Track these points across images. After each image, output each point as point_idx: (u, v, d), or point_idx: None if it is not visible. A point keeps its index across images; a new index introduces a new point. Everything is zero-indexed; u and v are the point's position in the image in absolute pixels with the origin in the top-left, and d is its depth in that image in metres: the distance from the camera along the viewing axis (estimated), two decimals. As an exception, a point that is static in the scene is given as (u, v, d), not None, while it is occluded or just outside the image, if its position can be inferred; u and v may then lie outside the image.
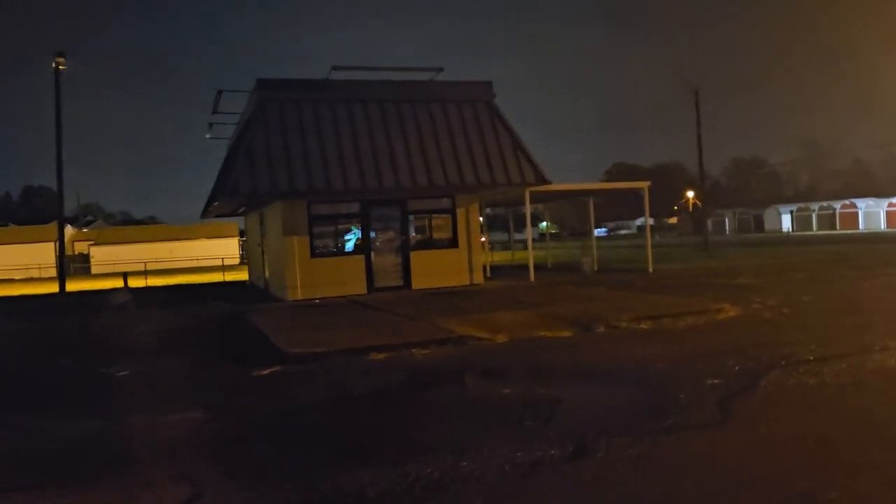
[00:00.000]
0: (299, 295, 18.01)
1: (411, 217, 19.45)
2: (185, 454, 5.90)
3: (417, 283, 19.10)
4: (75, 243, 72.28)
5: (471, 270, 19.74)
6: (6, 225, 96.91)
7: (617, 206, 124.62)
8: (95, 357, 11.46)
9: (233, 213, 25.29)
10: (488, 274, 23.26)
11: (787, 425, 5.86)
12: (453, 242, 19.66)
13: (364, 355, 10.13)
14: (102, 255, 66.64)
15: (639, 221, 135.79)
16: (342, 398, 7.87)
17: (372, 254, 18.84)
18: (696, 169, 43.80)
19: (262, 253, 22.31)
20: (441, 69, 18.88)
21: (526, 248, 59.55)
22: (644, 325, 11.63)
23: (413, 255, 19.18)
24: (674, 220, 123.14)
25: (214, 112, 20.23)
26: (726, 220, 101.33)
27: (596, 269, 24.11)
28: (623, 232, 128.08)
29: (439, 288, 18.87)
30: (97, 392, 8.98)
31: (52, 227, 75.46)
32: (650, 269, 21.97)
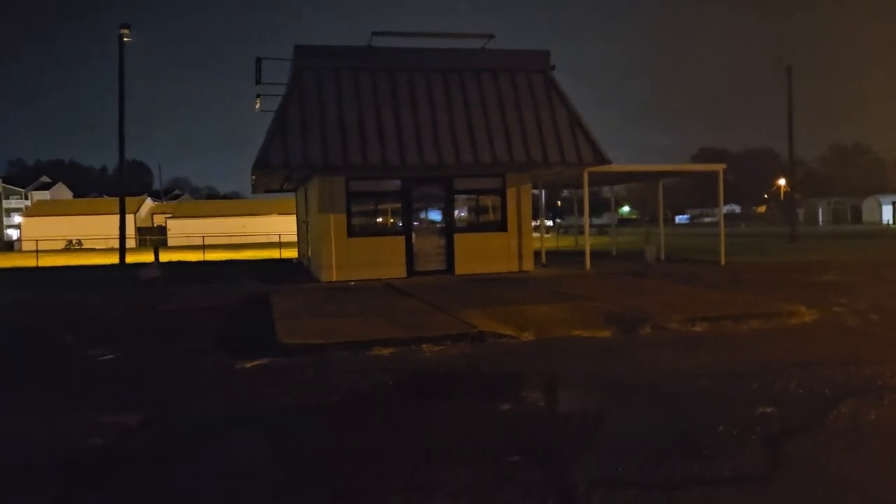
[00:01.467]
0: (334, 276, 17.03)
1: (457, 196, 18.10)
2: (56, 480, 4.85)
3: (461, 268, 17.80)
4: (154, 216, 74.56)
5: (520, 256, 18.26)
6: (101, 196, 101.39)
7: (702, 193, 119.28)
8: (93, 337, 10.73)
9: (282, 189, 24.61)
10: (543, 261, 21.69)
11: (860, 491, 4.27)
12: (501, 225, 18.21)
13: (366, 350, 8.96)
14: (179, 228, 68.32)
15: (725, 208, 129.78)
16: (311, 406, 6.70)
17: (413, 235, 17.64)
18: (789, 155, 40.41)
19: (307, 230, 21.49)
20: (492, 36, 17.37)
21: (600, 232, 57.18)
22: (697, 328, 9.98)
23: (457, 237, 17.86)
24: (762, 208, 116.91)
25: (258, 82, 19.38)
26: (819, 210, 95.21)
27: (662, 258, 22.16)
28: (707, 220, 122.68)
29: (484, 274, 17.51)
30: (60, 378, 8.15)
31: (132, 199, 78.16)
32: (722, 261, 19.89)
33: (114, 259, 34.24)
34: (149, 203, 77.30)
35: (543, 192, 25.43)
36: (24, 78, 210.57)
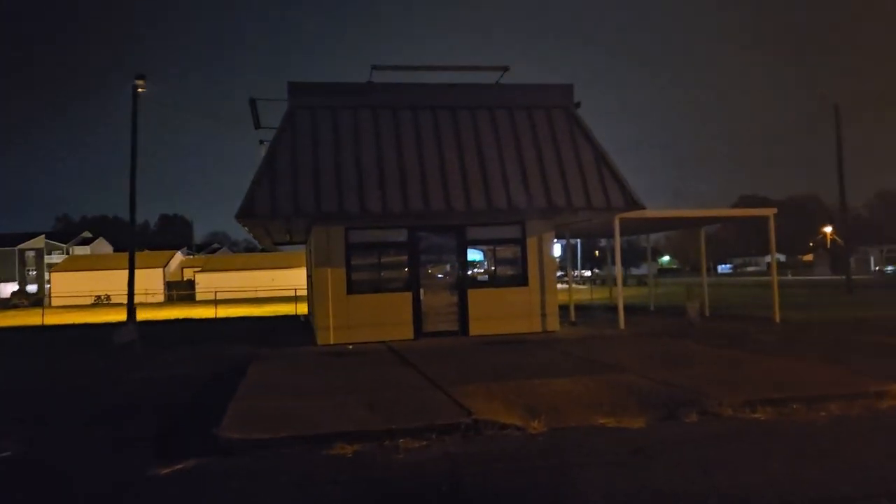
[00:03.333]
0: (331, 338, 15.07)
1: (471, 248, 16.11)
2: None
3: (476, 328, 15.70)
4: (184, 269, 74.06)
5: (543, 315, 16.09)
6: (141, 250, 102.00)
7: (745, 242, 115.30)
8: (16, 418, 8.93)
9: (291, 241, 22.94)
10: (572, 317, 19.45)
11: None
12: (521, 279, 16.12)
13: (326, 447, 6.92)
14: (207, 282, 67.49)
15: (768, 258, 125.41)
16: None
17: (421, 291, 15.64)
18: (834, 202, 37.89)
19: (311, 285, 19.69)
20: (507, 68, 15.58)
21: (639, 282, 54.38)
22: (760, 415, 7.71)
23: (471, 293, 15.81)
24: (809, 257, 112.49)
25: (258, 127, 17.84)
26: (871, 259, 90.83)
27: (707, 314, 19.73)
28: (751, 269, 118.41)
29: (502, 336, 15.38)
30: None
31: (162, 254, 78.03)
32: (776, 318, 17.41)
33: (136, 316, 32.90)
34: (179, 257, 76.97)
35: (579, 241, 23.30)
36: (71, 135, 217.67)
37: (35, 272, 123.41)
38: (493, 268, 16.41)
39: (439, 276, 15.88)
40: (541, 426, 7.41)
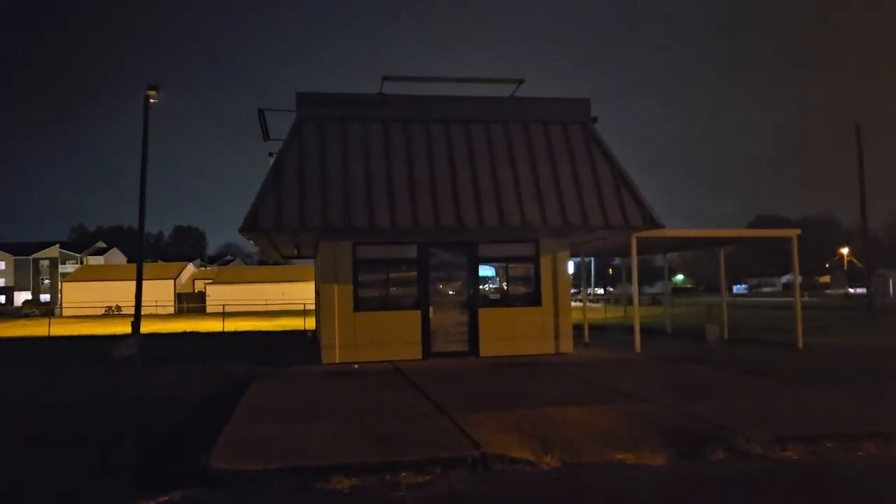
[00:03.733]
0: (337, 357, 14.57)
1: (482, 266, 15.59)
2: None
3: (486, 349, 15.15)
4: (195, 281, 73.96)
5: (557, 336, 15.52)
6: (154, 262, 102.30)
7: (760, 261, 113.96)
8: (-1, 441, 8.45)
9: (299, 255, 22.52)
10: (586, 338, 18.85)
11: None
12: (535, 299, 15.57)
13: (321, 480, 6.41)
14: (218, 295, 67.27)
15: (784, 279, 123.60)
16: None
17: (430, 310, 15.12)
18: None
19: (318, 301, 19.22)
20: (522, 80, 15.14)
21: (653, 301, 53.46)
22: (790, 453, 7.12)
23: (482, 313, 15.27)
24: (825, 278, 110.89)
25: (267, 138, 17.47)
26: (889, 281, 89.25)
27: (727, 337, 19.06)
28: (766, 289, 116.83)
29: (513, 357, 14.83)
30: None
31: (173, 265, 78.08)
32: (800, 344, 16.73)
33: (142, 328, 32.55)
34: (191, 269, 76.94)
35: (592, 259, 22.74)
36: (88, 145, 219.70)
37: (49, 281, 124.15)
38: (505, 286, 15.86)
39: (449, 294, 15.36)
40: (554, 461, 6.86)
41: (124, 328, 32.37)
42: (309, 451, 7.17)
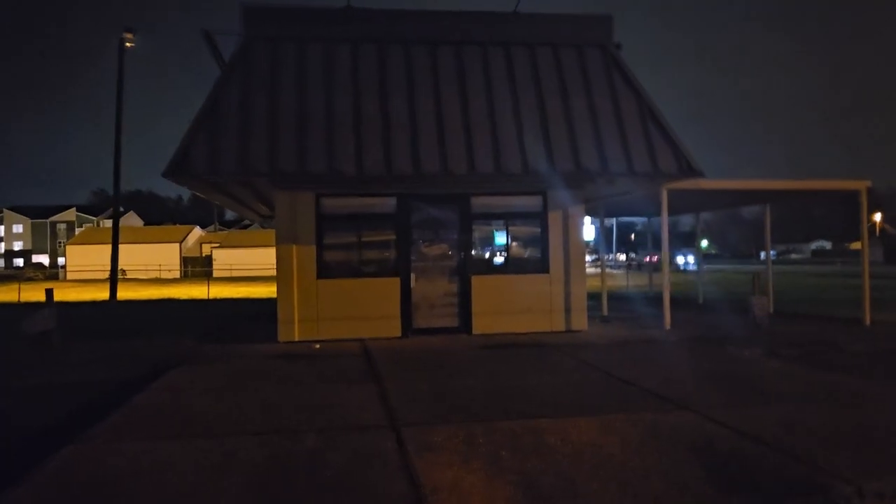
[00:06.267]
0: (295, 335, 11.93)
1: (476, 223, 12.76)
2: None
3: (481, 326, 12.41)
4: (202, 245, 71.84)
5: (567, 310, 12.71)
6: (166, 224, 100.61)
7: (786, 226, 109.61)
8: None
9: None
10: (604, 311, 16.00)
11: None
12: (541, 265, 12.74)
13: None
14: (225, 259, 65.13)
15: (813, 245, 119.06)
16: None
17: (412, 277, 12.36)
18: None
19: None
20: (526, -10, 12.11)
21: (678, 269, 50.19)
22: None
23: (476, 281, 12.49)
24: (857, 244, 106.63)
25: (221, 63, 14.45)
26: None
27: (771, 310, 16.09)
28: (794, 256, 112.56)
29: (514, 335, 12.10)
30: None
31: (179, 228, 75.97)
32: (867, 320, 13.76)
33: (132, 293, 30.33)
34: (197, 232, 74.75)
35: (615, 221, 19.74)
36: (108, 109, 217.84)
37: (65, 244, 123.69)
38: (504, 249, 13.03)
39: (436, 258, 12.57)
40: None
41: (124, 293, 30.01)
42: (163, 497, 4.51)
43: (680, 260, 56.91)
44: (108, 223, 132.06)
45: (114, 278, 27.28)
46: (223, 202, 14.81)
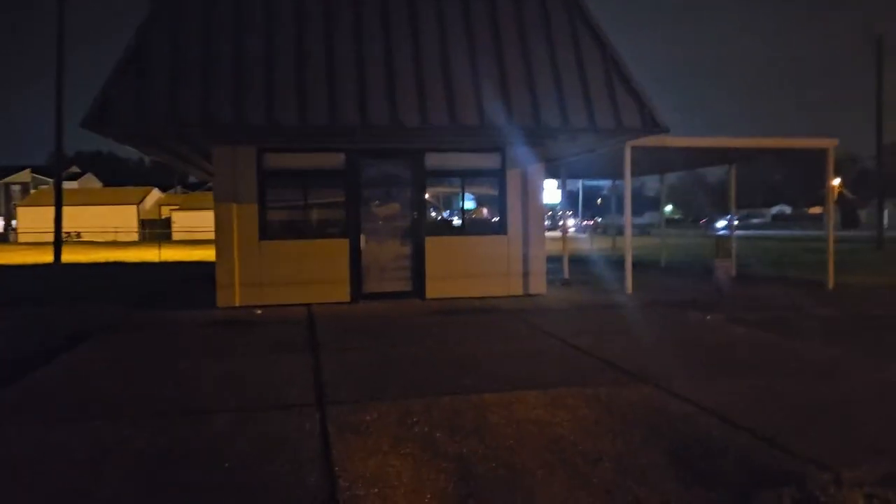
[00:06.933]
0: (236, 300, 11.14)
1: (430, 180, 12.00)
2: None
3: (434, 290, 11.74)
4: (161, 207, 69.76)
5: (525, 273, 12.11)
6: (140, 186, 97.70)
7: (748, 190, 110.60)
8: None
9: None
10: (566, 274, 15.46)
11: None
12: (498, 226, 12.08)
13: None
14: (185, 221, 63.30)
15: (774, 210, 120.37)
16: None
17: (362, 238, 11.60)
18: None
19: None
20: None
21: (640, 232, 50.14)
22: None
23: (430, 242, 11.78)
24: (816, 209, 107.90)
25: None
26: (885, 213, 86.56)
27: (734, 273, 15.69)
28: (755, 220, 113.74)
29: (469, 300, 11.47)
30: None
31: (136, 190, 73.62)
32: (831, 284, 13.43)
33: (77, 256, 29.11)
34: (156, 194, 72.41)
35: (580, 184, 19.10)
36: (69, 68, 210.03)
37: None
38: (460, 209, 12.31)
39: (387, 218, 11.81)
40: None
41: (73, 256, 28.73)
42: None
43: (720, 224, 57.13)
44: (67, 185, 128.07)
45: (58, 240, 25.98)
46: (165, 160, 13.81)
